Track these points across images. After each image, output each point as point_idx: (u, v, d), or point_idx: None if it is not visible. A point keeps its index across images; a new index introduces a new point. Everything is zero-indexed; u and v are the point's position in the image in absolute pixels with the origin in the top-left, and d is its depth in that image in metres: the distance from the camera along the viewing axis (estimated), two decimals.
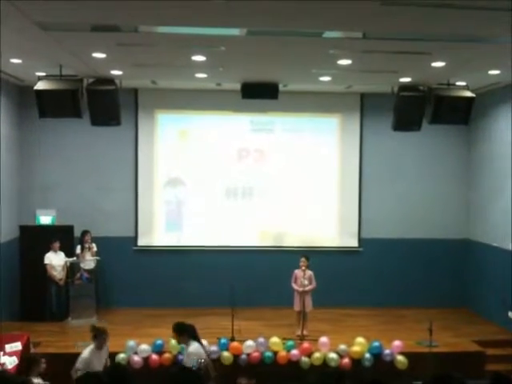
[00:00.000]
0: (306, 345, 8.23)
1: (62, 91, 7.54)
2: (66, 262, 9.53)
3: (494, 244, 9.76)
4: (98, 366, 6.26)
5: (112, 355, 7.83)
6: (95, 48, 6.62)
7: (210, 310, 9.77)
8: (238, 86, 8.70)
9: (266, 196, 10.73)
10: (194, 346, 6.10)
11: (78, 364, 6.21)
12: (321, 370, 7.61)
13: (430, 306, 9.93)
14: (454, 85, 8.22)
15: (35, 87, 7.48)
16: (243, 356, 8.06)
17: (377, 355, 8.10)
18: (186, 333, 6.26)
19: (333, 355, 8.02)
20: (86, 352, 6.31)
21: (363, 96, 10.66)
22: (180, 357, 7.95)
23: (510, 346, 8.46)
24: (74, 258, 9.63)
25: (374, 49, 6.47)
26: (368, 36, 5.94)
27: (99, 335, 6.37)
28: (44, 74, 7.80)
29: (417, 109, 8.32)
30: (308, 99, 10.40)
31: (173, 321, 9.40)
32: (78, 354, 8.05)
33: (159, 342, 8.14)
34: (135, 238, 10.62)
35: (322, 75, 8.36)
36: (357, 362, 8.02)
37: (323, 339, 8.24)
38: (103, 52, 6.79)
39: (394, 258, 10.74)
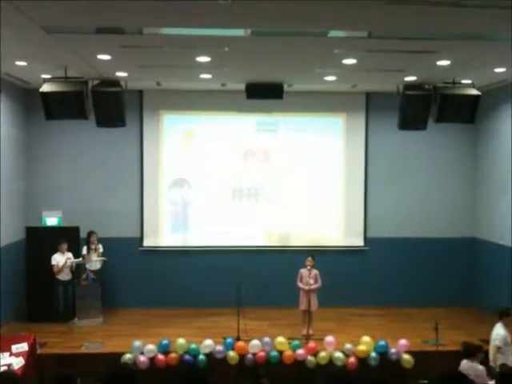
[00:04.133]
0: (311, 344, 8.23)
1: (67, 93, 7.57)
2: (72, 263, 9.56)
3: (501, 242, 9.72)
4: None
5: (118, 355, 7.88)
6: (100, 50, 6.65)
7: (215, 310, 9.79)
8: (242, 87, 8.70)
9: (271, 196, 10.73)
10: None
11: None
12: (327, 371, 7.61)
13: (437, 305, 9.91)
14: (459, 83, 8.19)
15: (41, 89, 7.52)
16: (249, 356, 8.07)
17: (383, 354, 8.08)
18: None
19: (339, 354, 8.02)
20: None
21: (368, 95, 10.64)
22: (186, 357, 7.99)
23: None
24: (80, 259, 9.66)
25: (378, 48, 6.45)
26: (373, 35, 5.93)
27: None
28: (49, 76, 7.84)
29: (422, 107, 8.30)
30: (313, 99, 10.39)
31: (179, 321, 9.58)
32: (84, 355, 8.15)
33: (165, 342, 8.14)
34: (141, 238, 10.63)
35: (327, 75, 8.35)
36: (363, 361, 8.01)
37: (329, 338, 8.23)
38: (108, 54, 6.81)
39: (400, 257, 10.72)
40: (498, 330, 6.74)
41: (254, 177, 10.72)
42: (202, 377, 3.52)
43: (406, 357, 8.05)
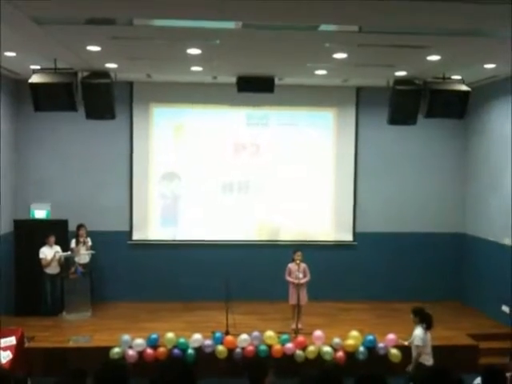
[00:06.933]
0: (300, 338, 8.26)
1: (56, 84, 7.51)
2: (60, 257, 9.50)
3: (490, 238, 9.78)
4: None
5: (106, 349, 7.86)
6: (90, 41, 6.58)
7: (204, 304, 9.78)
8: (233, 80, 8.67)
9: (261, 190, 10.72)
10: None
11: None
12: (319, 366, 7.65)
13: (425, 300, 9.92)
14: (449, 78, 8.22)
15: (30, 80, 7.45)
16: (238, 350, 8.08)
17: (371, 348, 8.15)
18: None
19: (327, 349, 8.05)
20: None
21: (359, 90, 10.64)
22: (175, 351, 7.99)
23: (503, 339, 8.50)
24: (69, 252, 9.60)
25: (369, 42, 6.46)
26: (364, 30, 5.93)
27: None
28: (39, 67, 7.76)
29: (412, 103, 8.32)
30: (304, 93, 10.38)
31: (168, 315, 9.56)
32: (72, 349, 8.11)
33: (154, 336, 8.14)
34: (130, 232, 10.59)
35: (318, 69, 8.35)
36: (351, 355, 8.06)
37: (317, 333, 8.27)
38: (98, 45, 6.75)
39: (389, 252, 10.76)
40: (419, 332, 6.73)
41: (244, 171, 10.70)
42: (187, 370, 3.49)
43: (394, 351, 8.11)
